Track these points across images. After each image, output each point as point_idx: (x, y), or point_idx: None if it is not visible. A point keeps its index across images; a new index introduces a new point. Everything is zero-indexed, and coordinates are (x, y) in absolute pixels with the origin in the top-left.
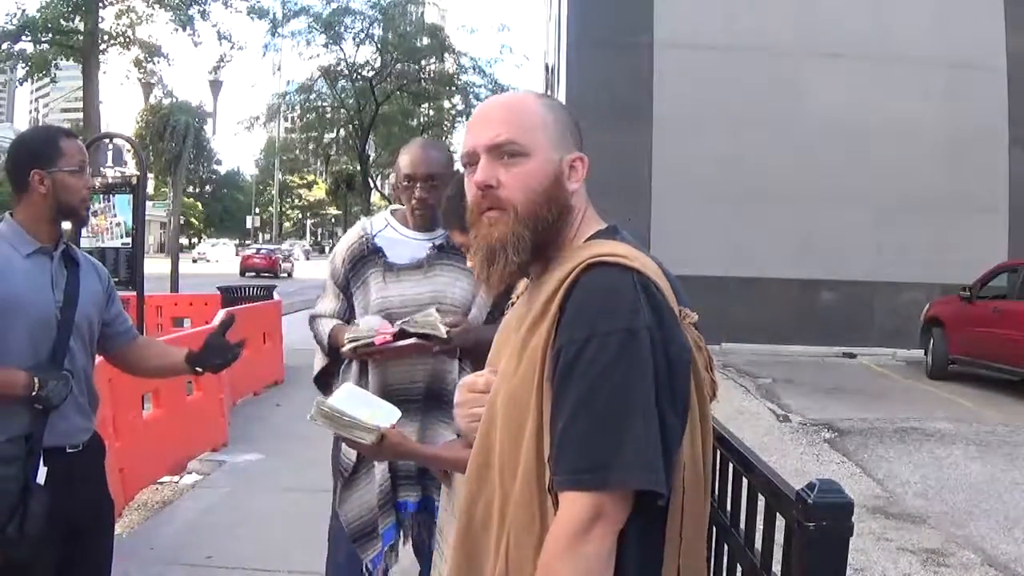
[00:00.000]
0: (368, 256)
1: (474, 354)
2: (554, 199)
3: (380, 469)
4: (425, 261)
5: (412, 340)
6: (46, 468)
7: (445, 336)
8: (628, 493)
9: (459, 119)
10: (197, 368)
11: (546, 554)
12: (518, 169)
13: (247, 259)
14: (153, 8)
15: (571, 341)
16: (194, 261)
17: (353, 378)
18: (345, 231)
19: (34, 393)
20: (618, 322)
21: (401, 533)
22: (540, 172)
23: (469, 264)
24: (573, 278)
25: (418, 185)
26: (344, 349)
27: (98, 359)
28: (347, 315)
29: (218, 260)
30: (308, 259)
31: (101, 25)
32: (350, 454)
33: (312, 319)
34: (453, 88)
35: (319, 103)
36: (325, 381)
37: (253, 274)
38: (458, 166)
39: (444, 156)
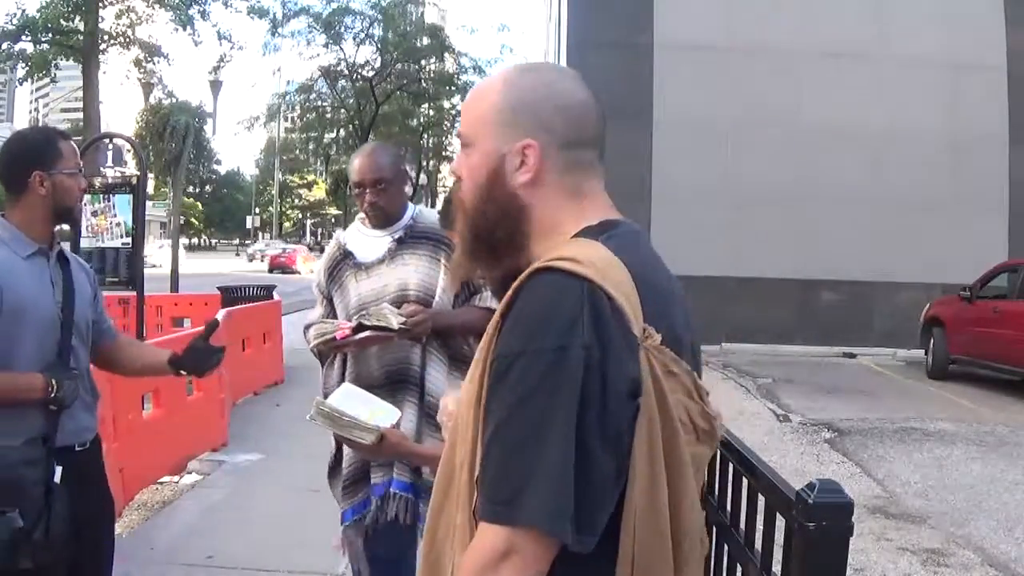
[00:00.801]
0: (341, 260)
1: (442, 336)
2: (492, 197)
3: (346, 455)
4: (387, 255)
5: (368, 333)
6: (60, 468)
7: (396, 328)
8: (544, 532)
9: (459, 119)
10: (181, 371)
11: None
12: (468, 162)
13: (275, 259)
14: (153, 8)
15: (502, 355)
16: None
17: (336, 373)
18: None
19: (53, 395)
20: (550, 338)
21: (376, 513)
22: (479, 166)
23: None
24: (517, 285)
25: (367, 191)
26: (311, 344)
27: None
28: (332, 318)
29: (161, 264)
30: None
31: (101, 25)
32: (331, 447)
33: (305, 329)
34: (453, 88)
35: (319, 103)
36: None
37: (280, 271)
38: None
39: (390, 159)
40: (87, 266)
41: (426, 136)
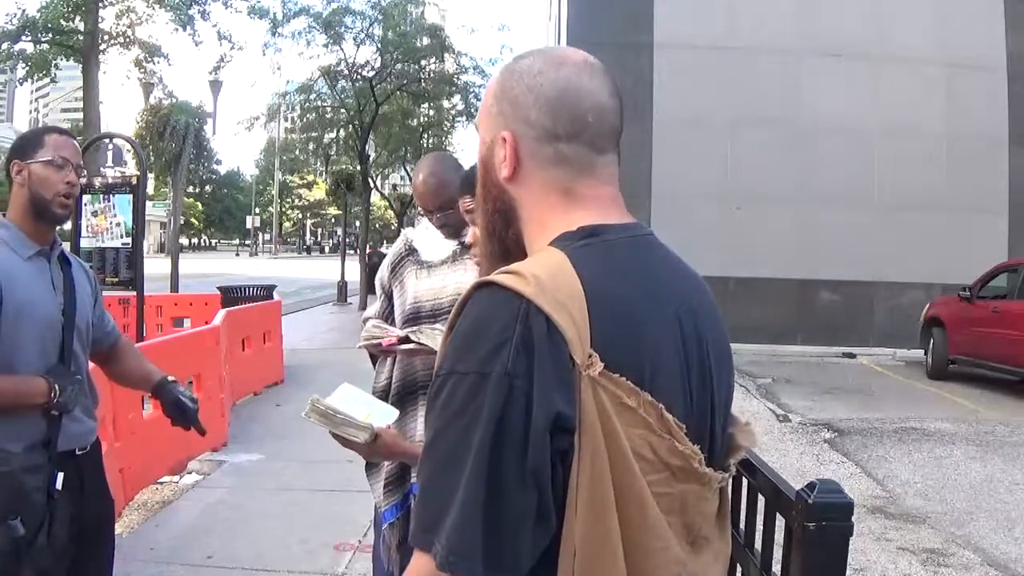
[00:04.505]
0: (406, 256)
1: None
2: (487, 191)
3: None
4: (450, 257)
5: (413, 346)
6: (62, 473)
7: None
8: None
9: (459, 119)
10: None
11: None
12: None
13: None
14: (153, 8)
15: (436, 374)
16: None
17: (387, 368)
18: (344, 231)
19: (55, 400)
20: (474, 362)
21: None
22: (479, 161)
23: (476, 260)
24: (462, 299)
25: (436, 215)
26: (359, 344)
27: None
28: (388, 315)
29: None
30: None
31: (101, 25)
32: None
33: (363, 321)
34: (453, 88)
35: (319, 103)
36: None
37: None
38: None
39: (452, 177)
40: (87, 267)
41: (426, 136)
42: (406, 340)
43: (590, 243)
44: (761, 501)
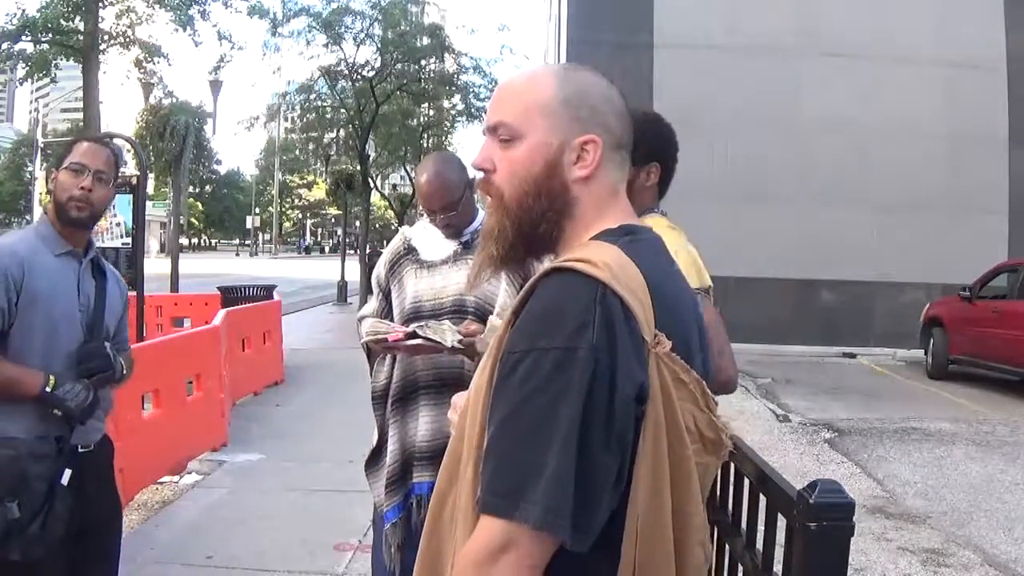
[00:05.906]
0: (404, 255)
1: None
2: (545, 189)
3: (391, 451)
4: (452, 257)
5: (420, 341)
6: (70, 470)
7: (450, 347)
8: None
9: (459, 119)
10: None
11: (453, 574)
12: (507, 153)
13: None
14: (153, 8)
15: (511, 351)
16: None
17: (386, 367)
18: (344, 231)
19: (48, 390)
20: (559, 338)
21: (412, 512)
22: (527, 158)
23: None
24: (532, 283)
25: (439, 216)
26: (363, 340)
27: None
28: (387, 314)
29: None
30: None
31: (101, 25)
32: (371, 439)
33: (359, 320)
34: (453, 88)
35: (319, 103)
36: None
37: None
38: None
39: (456, 176)
40: (122, 280)
41: (426, 136)
42: (413, 335)
43: (633, 240)
44: (762, 501)
